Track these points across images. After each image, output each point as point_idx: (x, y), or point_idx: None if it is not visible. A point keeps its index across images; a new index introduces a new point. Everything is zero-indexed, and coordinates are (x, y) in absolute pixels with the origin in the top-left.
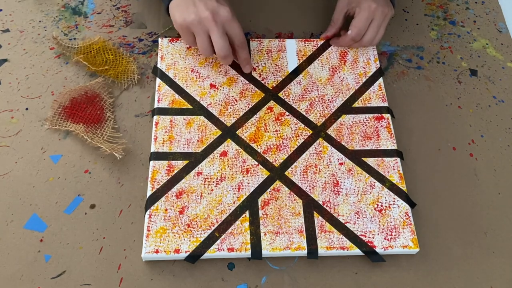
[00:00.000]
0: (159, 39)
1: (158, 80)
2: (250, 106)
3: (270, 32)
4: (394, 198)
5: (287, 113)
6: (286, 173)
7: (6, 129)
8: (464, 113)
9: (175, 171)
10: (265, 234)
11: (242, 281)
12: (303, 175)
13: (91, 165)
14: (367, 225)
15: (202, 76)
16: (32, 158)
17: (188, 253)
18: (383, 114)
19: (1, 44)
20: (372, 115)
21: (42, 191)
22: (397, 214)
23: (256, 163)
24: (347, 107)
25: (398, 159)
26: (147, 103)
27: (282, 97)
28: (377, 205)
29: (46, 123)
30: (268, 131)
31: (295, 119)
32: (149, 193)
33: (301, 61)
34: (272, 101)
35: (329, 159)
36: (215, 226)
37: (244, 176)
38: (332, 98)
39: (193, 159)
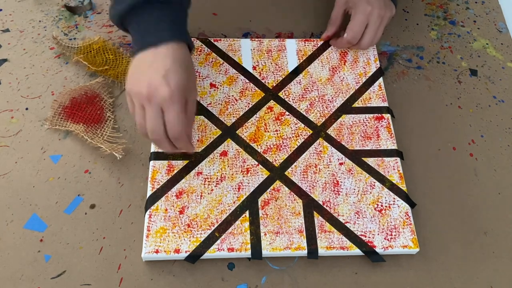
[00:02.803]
0: None
1: None
2: (250, 106)
3: (270, 32)
4: (394, 198)
5: (287, 112)
6: (286, 173)
7: (6, 129)
8: (464, 113)
9: (175, 171)
10: (265, 234)
11: (242, 281)
12: (303, 175)
13: (91, 165)
14: (367, 225)
15: (202, 76)
16: (32, 158)
17: (188, 253)
18: (383, 114)
19: (1, 44)
20: (372, 115)
21: (42, 191)
22: (397, 214)
23: (256, 163)
24: (347, 107)
25: (398, 159)
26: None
27: (282, 97)
28: (377, 205)
29: (46, 123)
30: (268, 131)
31: (295, 119)
32: (149, 193)
33: (301, 61)
34: (272, 100)
35: (329, 159)
36: (215, 226)
37: (244, 176)
38: (332, 98)
39: (193, 159)
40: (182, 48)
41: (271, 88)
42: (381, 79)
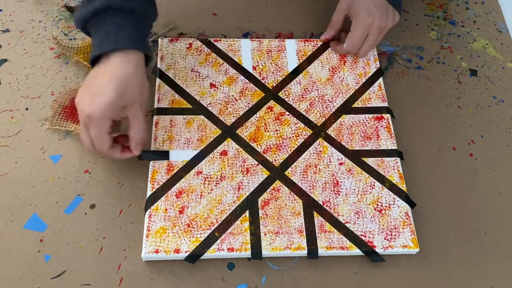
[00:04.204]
0: (159, 39)
1: (158, 80)
2: (250, 106)
3: (270, 32)
4: (394, 198)
5: (287, 112)
6: (286, 173)
7: (6, 129)
8: (464, 113)
9: (175, 171)
10: (265, 234)
11: (242, 281)
12: (303, 175)
13: (91, 165)
14: (367, 225)
15: (202, 76)
16: (32, 158)
17: (188, 253)
18: (383, 114)
19: (1, 44)
20: (372, 115)
21: (42, 191)
22: (397, 214)
23: (256, 162)
24: (347, 107)
25: (398, 159)
26: (147, 103)
27: (282, 97)
28: (377, 205)
29: (46, 123)
30: (268, 131)
31: (295, 119)
32: (149, 193)
33: (301, 61)
34: (272, 100)
35: (329, 159)
36: (215, 226)
37: (244, 176)
38: (332, 98)
39: (193, 158)
40: (135, 59)
41: (271, 88)
42: (381, 79)
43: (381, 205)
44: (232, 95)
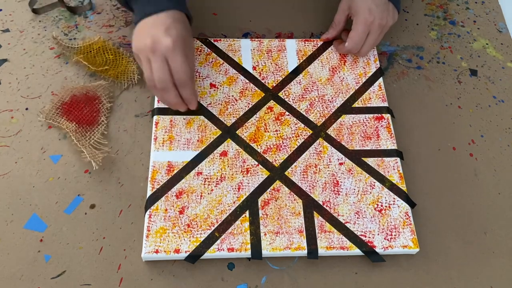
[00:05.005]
0: None
1: None
2: (250, 106)
3: (270, 32)
4: (394, 198)
5: (287, 113)
6: (286, 173)
7: (6, 129)
8: (464, 113)
9: (175, 171)
10: (265, 234)
11: (242, 281)
12: (303, 175)
13: (91, 165)
14: (367, 225)
15: (202, 76)
16: (32, 158)
17: (188, 253)
18: (383, 114)
19: (1, 44)
20: (372, 115)
21: (42, 191)
22: (397, 214)
23: (256, 163)
24: (347, 107)
25: (398, 159)
26: (147, 103)
27: (282, 97)
28: (377, 205)
29: (41, 115)
30: (268, 131)
31: (295, 119)
32: (149, 193)
33: (301, 61)
34: (272, 100)
35: (329, 159)
36: (215, 226)
37: (244, 176)
38: (332, 98)
39: (193, 159)
40: (182, 16)
41: (271, 88)
42: (381, 79)
43: (381, 205)
44: (232, 95)
